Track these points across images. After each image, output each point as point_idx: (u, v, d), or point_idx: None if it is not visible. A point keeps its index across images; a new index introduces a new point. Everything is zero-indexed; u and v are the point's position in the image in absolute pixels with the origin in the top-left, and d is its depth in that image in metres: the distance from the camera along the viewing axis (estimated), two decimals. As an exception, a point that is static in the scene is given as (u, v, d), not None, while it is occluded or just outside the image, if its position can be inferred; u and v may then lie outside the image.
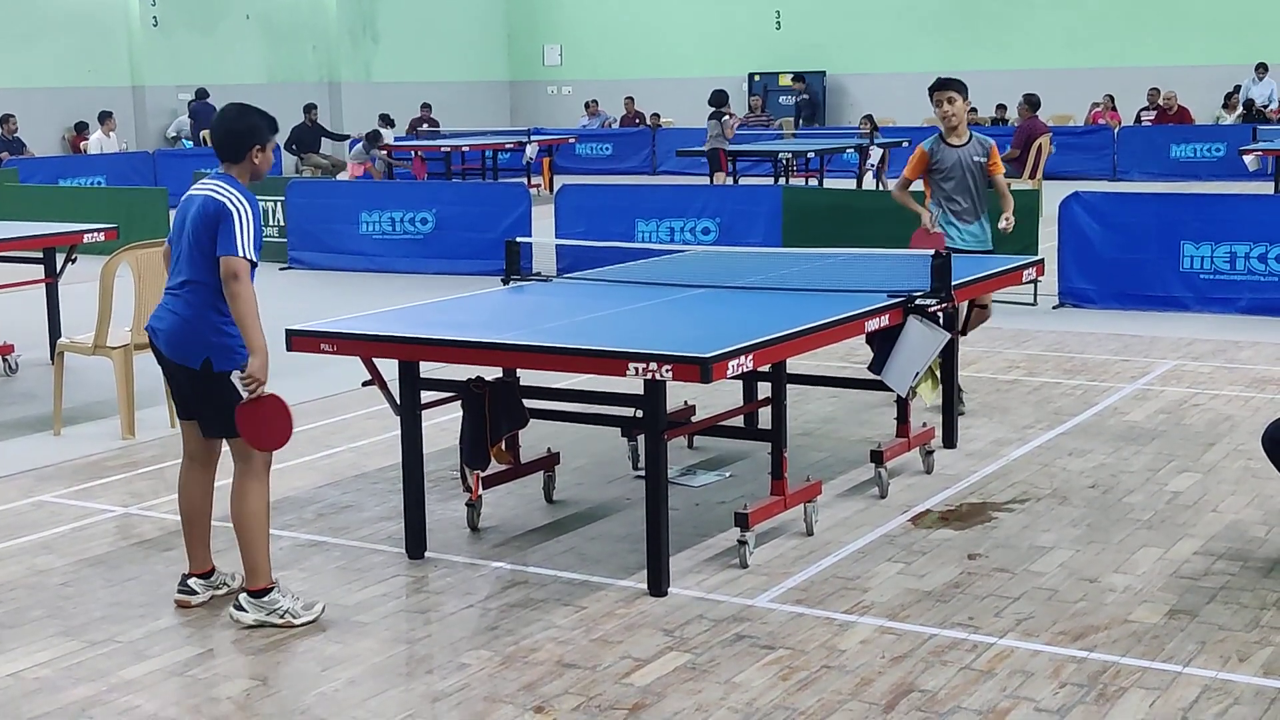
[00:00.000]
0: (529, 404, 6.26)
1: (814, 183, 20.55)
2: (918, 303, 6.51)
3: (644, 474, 5.65)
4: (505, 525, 6.53)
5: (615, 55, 33.49)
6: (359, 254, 15.39)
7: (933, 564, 5.91)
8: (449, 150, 23.27)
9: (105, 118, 24.29)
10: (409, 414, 6.05)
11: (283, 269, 15.50)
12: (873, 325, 6.35)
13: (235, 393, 5.23)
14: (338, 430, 8.36)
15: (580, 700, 4.66)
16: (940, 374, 7.42)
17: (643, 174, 27.55)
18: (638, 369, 5.23)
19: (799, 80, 30.33)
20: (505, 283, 7.32)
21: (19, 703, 4.72)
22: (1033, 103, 18.44)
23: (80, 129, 25.59)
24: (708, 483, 7.13)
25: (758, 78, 31.71)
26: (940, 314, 6.69)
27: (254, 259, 5.21)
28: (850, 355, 9.47)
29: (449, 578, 5.86)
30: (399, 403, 6.04)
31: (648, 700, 4.65)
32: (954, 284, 6.64)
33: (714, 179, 19.23)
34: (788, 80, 31.21)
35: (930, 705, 4.58)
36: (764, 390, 6.91)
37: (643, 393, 5.47)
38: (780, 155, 19.87)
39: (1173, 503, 6.69)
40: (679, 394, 7.66)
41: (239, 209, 5.21)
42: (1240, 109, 26.27)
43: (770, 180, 19.72)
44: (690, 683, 4.78)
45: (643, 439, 5.92)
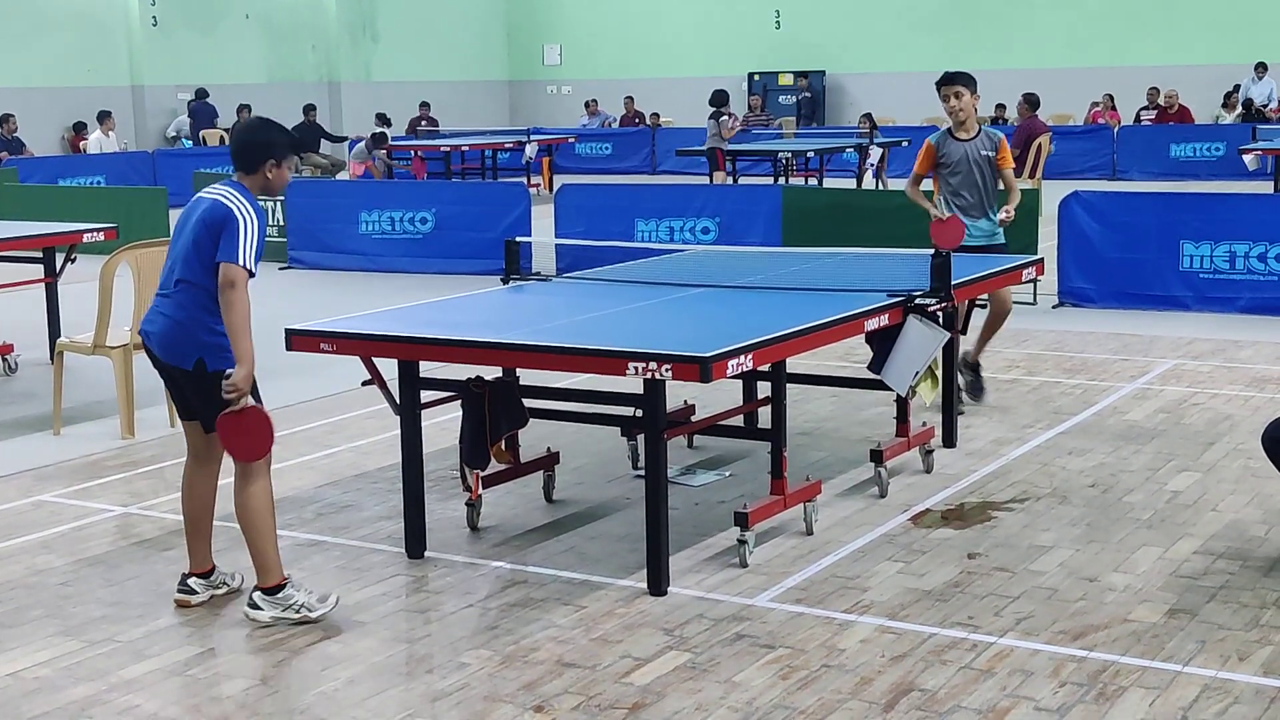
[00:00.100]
0: (529, 403, 6.26)
1: (813, 182, 20.56)
2: (917, 302, 6.51)
3: (644, 473, 5.64)
4: (505, 525, 6.53)
5: (615, 55, 33.50)
6: (358, 254, 15.38)
7: (932, 563, 5.91)
8: (448, 150, 23.27)
9: (104, 117, 24.30)
10: (408, 413, 6.05)
11: (282, 268, 15.49)
12: (872, 325, 6.35)
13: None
14: (337, 430, 8.36)
15: (580, 700, 4.66)
16: (940, 373, 7.41)
17: (642, 173, 27.56)
18: (637, 368, 5.23)
19: (803, 78, 30.35)
20: (505, 282, 7.32)
21: (19, 702, 4.72)
22: (1032, 102, 18.45)
23: (79, 129, 25.59)
24: (707, 482, 7.13)
25: (757, 77, 31.73)
26: (940, 313, 6.69)
27: (253, 270, 5.20)
28: (850, 355, 9.47)
29: (449, 577, 5.86)
30: (398, 402, 6.04)
31: (647, 700, 4.65)
32: (954, 283, 6.64)
33: (713, 178, 19.24)
34: (788, 80, 31.24)
35: (930, 704, 4.58)
36: (764, 390, 6.90)
37: (642, 392, 5.47)
38: (780, 155, 19.87)
39: (1172, 502, 6.69)
40: (679, 393, 7.66)
41: (245, 218, 5.21)
42: (1239, 108, 26.28)
43: (770, 180, 19.73)
44: (690, 682, 4.78)
45: (642, 438, 5.92)
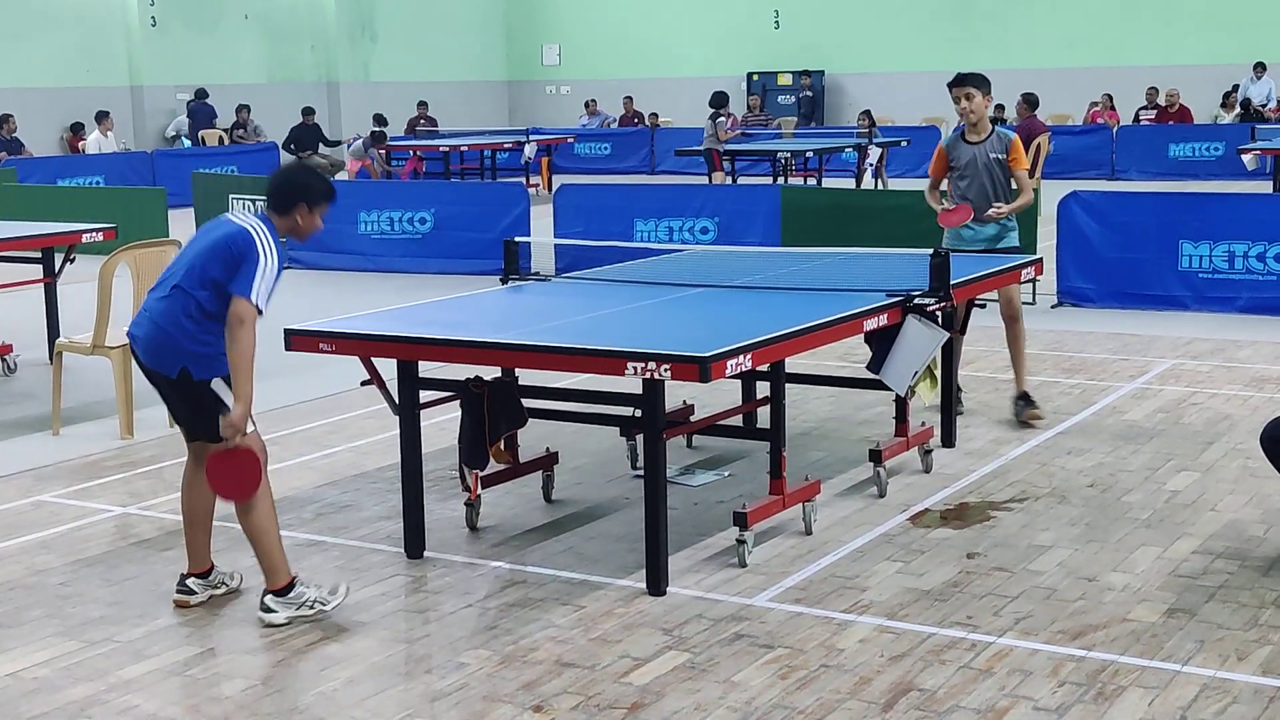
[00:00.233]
0: (528, 403, 6.27)
1: (812, 182, 20.56)
2: (916, 302, 6.51)
3: (643, 473, 5.64)
4: (504, 525, 6.53)
5: (614, 55, 33.48)
6: (357, 254, 15.38)
7: (931, 563, 5.91)
8: (447, 150, 23.27)
9: (102, 117, 24.27)
10: (408, 413, 6.05)
11: (282, 268, 15.47)
12: (871, 324, 6.35)
13: (218, 400, 5.22)
14: (336, 430, 8.36)
15: (579, 699, 4.66)
16: (939, 373, 7.41)
17: (641, 173, 27.55)
18: (636, 368, 5.23)
19: (805, 76, 30.37)
20: (504, 282, 7.32)
21: (18, 702, 4.72)
22: (1031, 102, 18.45)
23: (76, 129, 25.58)
24: (706, 482, 7.13)
25: (756, 77, 31.72)
26: (939, 313, 6.69)
27: (262, 309, 5.20)
28: (849, 354, 9.47)
29: (448, 577, 5.86)
30: (397, 402, 6.04)
31: (646, 699, 4.65)
32: (952, 283, 6.64)
33: (712, 179, 19.26)
34: (787, 80, 31.24)
35: (929, 704, 4.58)
36: (763, 389, 6.90)
37: (641, 392, 5.48)
38: (779, 155, 19.88)
39: (1171, 502, 6.69)
40: (678, 393, 7.66)
41: (266, 255, 5.22)
42: (1238, 108, 26.28)
43: (769, 180, 19.73)
44: (689, 682, 4.78)
45: (641, 438, 5.93)
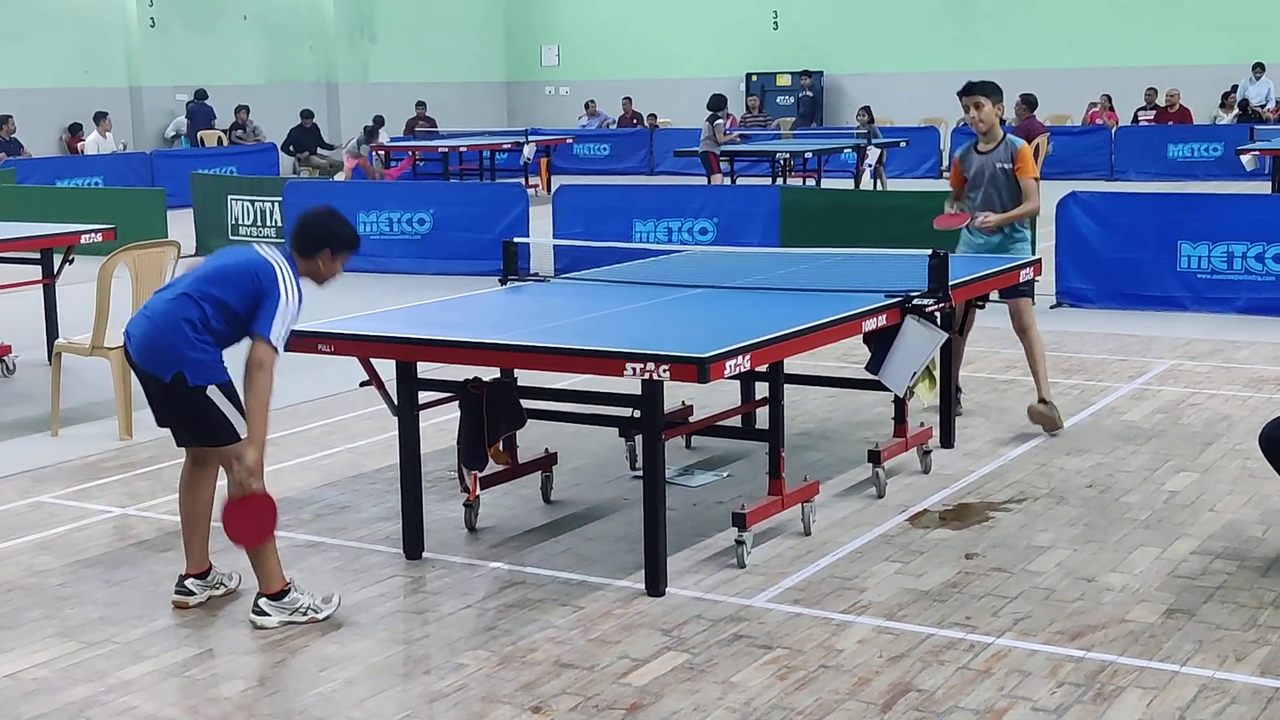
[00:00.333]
0: (526, 404, 6.27)
1: (811, 183, 20.56)
2: (915, 302, 6.51)
3: (641, 474, 5.64)
4: (503, 525, 6.53)
5: (612, 56, 33.49)
6: (356, 254, 15.31)
7: (930, 564, 5.91)
8: (446, 151, 23.27)
9: (100, 118, 24.27)
10: (406, 414, 6.05)
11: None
12: (870, 325, 6.35)
13: (211, 405, 5.21)
14: (335, 431, 8.36)
15: (578, 700, 4.66)
16: (938, 374, 7.41)
17: (640, 174, 27.55)
18: (635, 369, 5.23)
19: (805, 76, 30.39)
20: (503, 283, 7.32)
21: (17, 703, 4.72)
22: (1030, 102, 18.47)
23: (75, 130, 25.58)
24: (705, 483, 7.13)
25: (755, 78, 31.73)
26: (937, 314, 6.69)
27: (280, 352, 5.21)
28: (848, 355, 9.47)
29: (446, 578, 5.86)
30: (396, 403, 6.04)
31: (645, 700, 4.65)
32: (951, 284, 6.64)
33: (710, 180, 19.26)
34: (785, 80, 31.25)
35: (928, 705, 4.58)
36: (761, 390, 6.90)
37: (640, 393, 5.48)
38: (778, 155, 19.88)
39: (1170, 502, 6.69)
40: (676, 394, 7.66)
41: (289, 296, 5.24)
42: (1236, 109, 26.29)
43: (768, 180, 19.73)
44: (688, 683, 4.78)
45: (640, 439, 5.92)
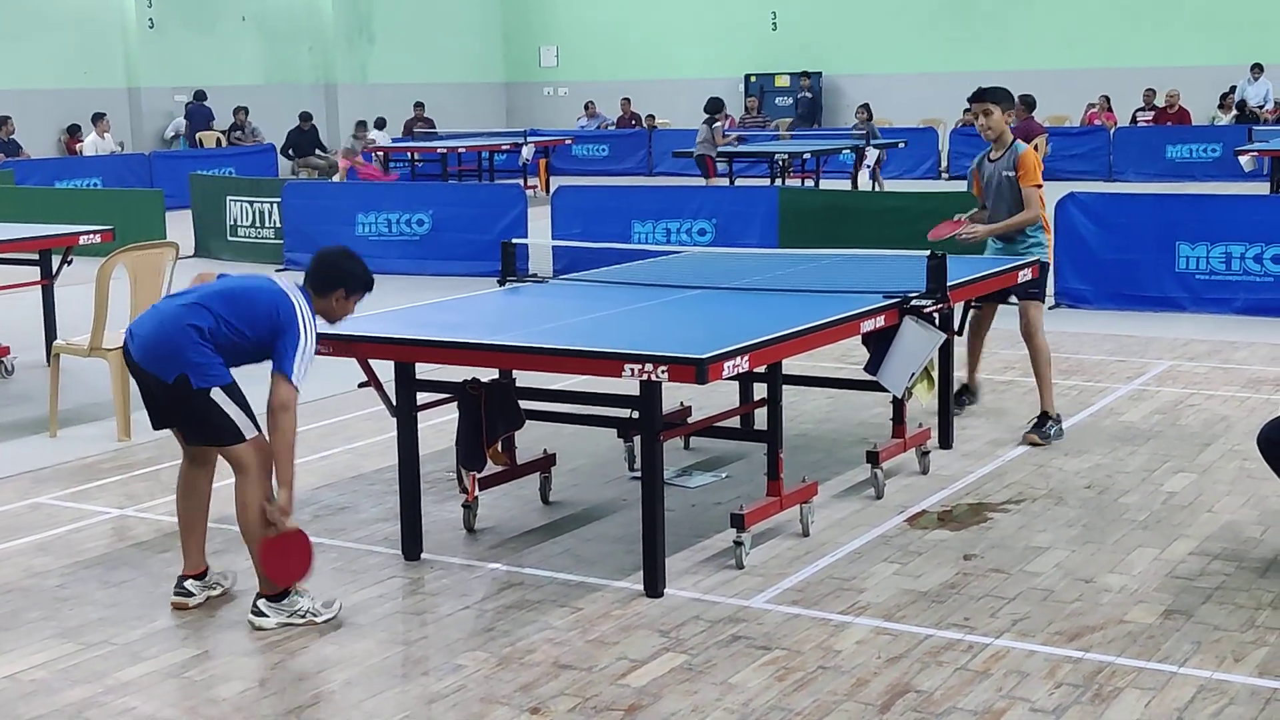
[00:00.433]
0: (525, 405, 6.27)
1: (810, 184, 20.57)
2: (913, 303, 6.51)
3: (640, 475, 5.65)
4: (501, 526, 6.53)
5: (611, 56, 33.49)
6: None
7: (928, 564, 5.91)
8: (445, 151, 23.27)
9: (98, 119, 24.27)
10: (405, 415, 6.05)
11: (279, 270, 15.49)
12: (868, 326, 6.35)
13: (215, 407, 5.21)
14: (334, 432, 8.36)
15: (576, 701, 4.66)
16: (936, 375, 7.42)
17: (639, 175, 27.56)
18: (633, 370, 5.23)
19: (805, 78, 30.41)
20: (501, 284, 7.33)
21: (16, 704, 4.72)
22: (1028, 103, 18.45)
23: (73, 131, 25.57)
24: (704, 484, 7.13)
25: (754, 79, 31.73)
26: (936, 315, 6.69)
27: (300, 389, 5.24)
28: (846, 356, 9.46)
29: (445, 579, 5.86)
30: (395, 404, 6.04)
31: (644, 701, 4.65)
32: (949, 285, 6.64)
33: (707, 182, 19.24)
34: (784, 81, 31.26)
35: (926, 706, 4.58)
36: (760, 391, 6.91)
37: (638, 394, 5.48)
38: (776, 156, 19.87)
39: (1168, 503, 6.69)
40: (675, 395, 7.66)
41: (306, 333, 5.24)
42: (1235, 109, 26.29)
43: (766, 181, 19.73)
44: (686, 684, 4.78)
45: (639, 440, 5.93)
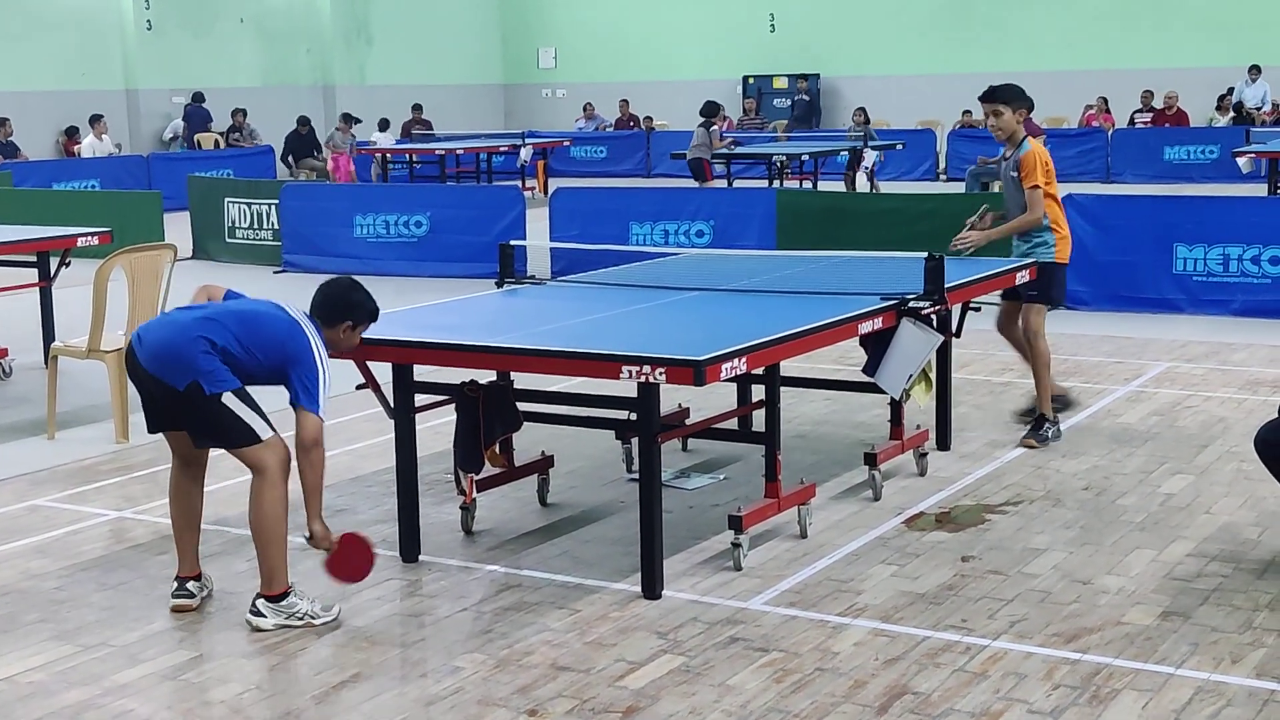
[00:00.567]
0: (523, 407, 6.27)
1: (808, 185, 20.58)
2: (911, 305, 6.51)
3: (638, 477, 5.65)
4: (499, 528, 6.53)
5: (609, 58, 33.50)
6: (353, 257, 15.34)
7: (926, 566, 5.91)
8: (443, 153, 23.27)
9: (95, 121, 24.27)
10: (403, 417, 6.05)
11: (277, 272, 15.49)
12: (866, 328, 6.35)
13: (227, 411, 5.21)
14: (332, 433, 8.27)
15: (574, 703, 4.66)
16: (934, 377, 7.42)
17: (637, 177, 27.57)
18: (631, 372, 5.23)
19: (802, 80, 30.43)
20: (499, 286, 7.33)
21: (13, 707, 4.72)
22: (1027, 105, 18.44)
23: (71, 133, 25.57)
24: (702, 485, 7.13)
25: (752, 80, 31.75)
26: (933, 316, 6.70)
27: (325, 419, 5.27)
28: (844, 358, 9.46)
29: (443, 581, 5.86)
30: (393, 406, 6.04)
31: (641, 703, 4.65)
32: (947, 286, 6.64)
33: (703, 185, 19.19)
34: (782, 83, 31.27)
35: (924, 707, 4.58)
36: (758, 393, 6.91)
37: (636, 395, 5.48)
38: (774, 158, 19.87)
39: (1166, 505, 6.69)
40: (673, 397, 7.66)
41: (322, 366, 5.27)
42: (1232, 111, 26.31)
43: (764, 183, 19.74)
44: (684, 685, 4.78)
45: (636, 442, 5.93)
